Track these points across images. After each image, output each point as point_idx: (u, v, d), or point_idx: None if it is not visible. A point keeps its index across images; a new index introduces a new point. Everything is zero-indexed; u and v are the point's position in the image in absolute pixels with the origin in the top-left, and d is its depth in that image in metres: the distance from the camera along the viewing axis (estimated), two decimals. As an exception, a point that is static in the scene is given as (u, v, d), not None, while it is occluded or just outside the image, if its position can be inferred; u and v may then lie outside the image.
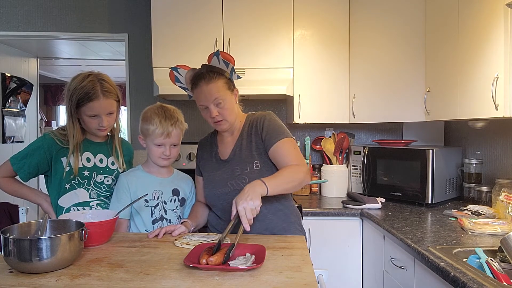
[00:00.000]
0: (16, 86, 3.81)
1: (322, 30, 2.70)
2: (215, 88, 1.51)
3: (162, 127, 1.55)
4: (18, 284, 1.02)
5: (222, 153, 1.65)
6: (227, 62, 1.53)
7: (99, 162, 1.68)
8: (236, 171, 1.57)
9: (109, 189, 1.69)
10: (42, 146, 1.61)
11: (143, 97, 3.07)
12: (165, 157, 1.60)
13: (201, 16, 2.64)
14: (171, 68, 1.64)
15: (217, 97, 1.51)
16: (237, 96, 1.62)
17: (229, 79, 1.57)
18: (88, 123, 1.61)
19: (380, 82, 2.59)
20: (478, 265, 1.33)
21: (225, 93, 1.53)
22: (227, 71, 1.56)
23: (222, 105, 1.53)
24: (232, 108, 1.57)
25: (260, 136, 1.58)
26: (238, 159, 1.60)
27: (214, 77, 1.52)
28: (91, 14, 3.07)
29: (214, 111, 1.53)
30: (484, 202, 2.18)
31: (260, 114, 1.65)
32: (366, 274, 2.32)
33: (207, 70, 1.54)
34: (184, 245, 1.33)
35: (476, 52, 1.86)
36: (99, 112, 1.59)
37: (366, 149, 2.63)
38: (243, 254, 1.24)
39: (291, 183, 1.45)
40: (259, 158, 1.57)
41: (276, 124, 1.59)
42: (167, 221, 1.62)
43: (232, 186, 1.56)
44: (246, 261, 1.18)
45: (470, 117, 1.93)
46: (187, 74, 1.60)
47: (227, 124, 1.58)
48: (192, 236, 1.40)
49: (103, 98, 1.58)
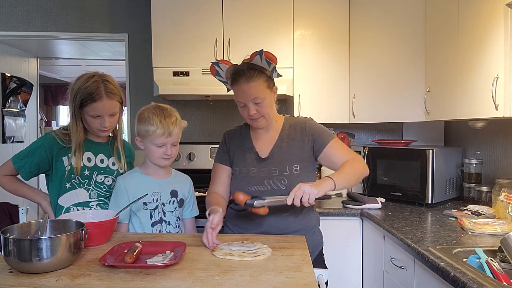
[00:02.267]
0: (16, 86, 3.81)
1: (322, 30, 2.70)
2: (255, 87, 1.51)
3: (163, 127, 1.52)
4: (18, 284, 1.02)
5: (260, 149, 1.64)
6: (269, 61, 1.53)
7: (99, 162, 1.68)
8: (274, 171, 1.58)
9: (109, 189, 1.69)
10: (43, 145, 1.62)
11: (143, 97, 3.07)
12: (166, 157, 1.58)
13: (201, 16, 2.64)
14: (212, 63, 1.61)
15: (256, 96, 1.52)
16: (275, 94, 1.62)
17: (269, 77, 1.57)
18: (91, 123, 1.62)
19: (380, 82, 2.58)
20: (478, 265, 1.33)
21: (264, 91, 1.54)
22: (268, 69, 1.55)
23: (261, 103, 1.53)
24: (271, 106, 1.59)
25: (309, 140, 1.61)
26: (277, 159, 1.60)
27: (255, 75, 1.52)
28: (91, 14, 3.07)
29: (253, 109, 1.54)
30: (484, 202, 2.18)
31: (302, 119, 1.69)
32: (366, 274, 2.32)
33: (248, 68, 1.53)
34: (228, 256, 1.24)
35: (476, 52, 1.86)
36: (102, 113, 1.59)
37: (366, 149, 2.63)
38: (163, 251, 1.26)
39: (355, 175, 1.51)
40: (300, 162, 1.59)
41: (321, 128, 1.64)
42: (166, 223, 1.61)
43: (269, 185, 1.57)
44: (164, 258, 1.20)
45: (470, 117, 1.93)
46: (228, 69, 1.59)
47: (264, 121, 1.58)
48: (231, 246, 1.33)
49: (107, 99, 1.59)
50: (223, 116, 3.10)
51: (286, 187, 1.56)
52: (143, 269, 1.12)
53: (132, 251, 1.19)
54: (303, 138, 1.62)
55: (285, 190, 1.54)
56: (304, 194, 1.32)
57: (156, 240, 1.40)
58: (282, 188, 1.57)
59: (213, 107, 3.10)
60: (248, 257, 1.21)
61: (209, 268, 1.13)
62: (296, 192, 1.33)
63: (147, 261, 1.18)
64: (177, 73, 2.60)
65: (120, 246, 1.27)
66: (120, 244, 1.29)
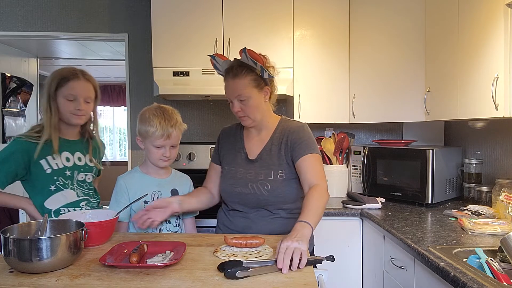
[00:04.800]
0: (16, 86, 3.81)
1: (322, 30, 2.70)
2: (241, 84, 1.50)
3: (162, 129, 1.53)
4: (18, 284, 1.03)
5: (249, 150, 1.63)
6: (254, 60, 1.50)
7: (78, 161, 1.69)
8: (260, 175, 1.56)
9: (91, 187, 1.71)
10: (17, 151, 1.56)
11: (143, 97, 3.07)
12: (165, 159, 1.59)
13: (201, 16, 2.64)
14: (210, 56, 1.61)
15: (241, 93, 1.51)
16: (267, 95, 1.59)
17: (260, 76, 1.54)
18: (65, 106, 1.61)
19: (380, 82, 2.58)
20: (478, 265, 1.33)
21: (251, 90, 1.52)
22: (257, 68, 1.53)
23: (245, 102, 1.52)
24: (257, 106, 1.55)
25: (290, 147, 1.56)
26: (265, 163, 1.58)
27: (242, 72, 1.51)
28: (91, 14, 3.07)
29: (237, 106, 1.53)
30: (484, 202, 2.18)
31: (296, 124, 1.63)
32: (366, 274, 2.32)
33: (237, 65, 1.53)
34: (231, 257, 1.22)
35: (476, 52, 1.86)
36: (77, 93, 1.61)
37: (366, 149, 2.63)
38: (163, 251, 1.26)
39: (323, 208, 1.43)
40: (286, 168, 1.57)
41: (308, 138, 1.58)
42: (166, 221, 1.62)
43: (252, 189, 1.56)
44: (164, 258, 1.20)
45: (470, 117, 1.93)
46: (223, 64, 1.59)
47: (250, 121, 1.57)
48: (234, 248, 1.30)
49: (83, 80, 1.63)
50: (223, 116, 3.10)
51: (269, 193, 1.54)
52: (143, 269, 1.12)
53: (137, 251, 1.18)
54: (288, 143, 1.57)
55: (268, 196, 1.54)
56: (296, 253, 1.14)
57: (156, 240, 1.40)
58: (264, 194, 1.55)
59: (213, 107, 3.10)
60: (252, 258, 1.21)
61: (209, 268, 1.13)
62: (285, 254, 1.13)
63: (147, 261, 1.18)
64: (177, 73, 2.60)
65: (120, 246, 1.27)
66: (120, 244, 1.29)
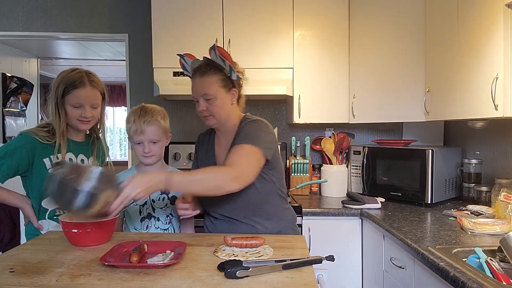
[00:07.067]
0: (17, 86, 3.81)
1: (322, 30, 2.70)
2: (207, 83, 1.48)
3: (135, 125, 1.58)
4: (18, 284, 1.03)
5: (218, 157, 1.63)
6: (223, 58, 1.48)
7: (80, 163, 1.69)
8: None
9: None
10: (24, 146, 1.55)
11: (143, 97, 3.06)
12: (146, 155, 1.60)
13: (201, 16, 2.64)
14: (179, 55, 1.60)
15: (206, 92, 1.48)
16: (234, 97, 1.56)
17: (228, 77, 1.51)
18: (71, 113, 1.61)
19: (380, 82, 2.59)
20: (477, 265, 1.33)
21: (217, 90, 1.49)
22: (225, 68, 1.50)
23: (211, 101, 1.49)
24: (222, 107, 1.51)
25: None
26: None
27: (210, 71, 1.49)
28: (91, 14, 3.08)
29: (202, 105, 1.50)
30: (483, 202, 2.18)
31: (251, 120, 1.56)
32: (366, 274, 2.32)
33: (205, 63, 1.52)
34: (232, 257, 1.21)
35: (475, 52, 1.86)
36: (84, 101, 1.60)
37: (366, 149, 2.64)
38: (163, 251, 1.26)
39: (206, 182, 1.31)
40: None
41: (253, 132, 1.48)
42: (155, 219, 1.64)
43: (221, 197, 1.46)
44: (164, 258, 1.20)
45: (469, 117, 1.93)
46: (192, 63, 1.57)
47: (215, 121, 1.54)
48: (234, 248, 1.29)
49: (89, 87, 1.61)
50: (223, 116, 3.10)
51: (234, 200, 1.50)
52: (143, 269, 1.12)
53: (137, 251, 1.18)
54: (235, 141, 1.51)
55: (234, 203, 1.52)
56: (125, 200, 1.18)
57: (156, 240, 1.40)
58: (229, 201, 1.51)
59: (213, 107, 3.10)
60: (252, 258, 1.20)
61: (209, 268, 1.14)
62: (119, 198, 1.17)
63: (147, 261, 1.19)
64: (177, 73, 2.60)
65: (120, 246, 1.28)
66: (120, 244, 1.29)
